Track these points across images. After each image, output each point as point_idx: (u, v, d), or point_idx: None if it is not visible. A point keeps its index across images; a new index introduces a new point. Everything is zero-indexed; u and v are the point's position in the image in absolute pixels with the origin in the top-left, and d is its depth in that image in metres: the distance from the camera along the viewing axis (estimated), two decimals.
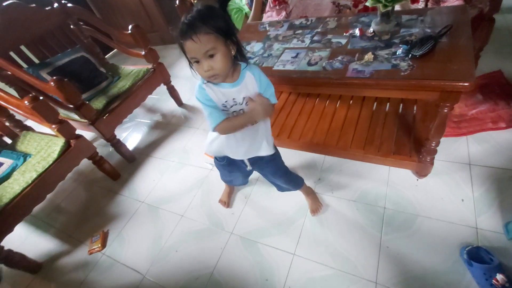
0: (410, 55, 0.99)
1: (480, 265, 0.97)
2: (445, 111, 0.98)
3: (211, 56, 0.72)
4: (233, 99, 0.84)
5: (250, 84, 0.84)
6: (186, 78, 2.61)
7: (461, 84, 0.85)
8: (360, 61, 1.06)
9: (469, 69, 0.89)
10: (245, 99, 0.85)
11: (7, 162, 1.50)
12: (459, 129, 1.43)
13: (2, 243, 1.33)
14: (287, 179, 1.17)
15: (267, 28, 1.54)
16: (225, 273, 1.23)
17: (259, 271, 1.19)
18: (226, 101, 0.84)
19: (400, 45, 1.05)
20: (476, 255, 1.01)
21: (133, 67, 2.05)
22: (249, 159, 1.05)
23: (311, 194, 1.30)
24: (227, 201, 1.45)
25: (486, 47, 1.51)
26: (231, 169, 1.15)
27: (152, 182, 1.74)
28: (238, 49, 0.78)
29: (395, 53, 1.04)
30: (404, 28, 1.14)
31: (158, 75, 2.01)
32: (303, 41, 1.31)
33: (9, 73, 1.68)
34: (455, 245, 1.07)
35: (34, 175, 1.40)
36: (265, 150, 0.99)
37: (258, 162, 1.06)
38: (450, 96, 0.92)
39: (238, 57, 0.81)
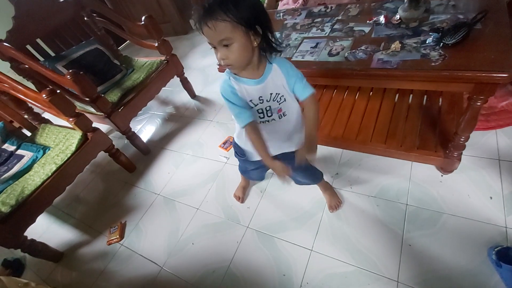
0: (441, 43, 0.93)
1: (510, 266, 0.92)
2: (478, 104, 0.92)
3: (226, 45, 0.68)
4: (260, 97, 0.80)
5: (277, 78, 0.80)
6: (199, 70, 2.59)
7: (500, 75, 0.79)
8: (386, 50, 1.00)
9: (508, 58, 0.82)
10: (273, 96, 0.81)
11: (28, 155, 1.53)
12: (488, 122, 1.35)
13: (25, 233, 1.37)
14: (308, 173, 1.14)
15: (284, 17, 1.48)
16: (242, 267, 1.23)
17: (276, 266, 1.18)
18: (251, 100, 0.81)
19: (430, 33, 0.98)
20: (506, 256, 0.96)
21: (146, 59, 2.03)
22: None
23: (329, 189, 1.27)
24: (242, 196, 1.44)
25: None
26: (251, 163, 1.13)
27: (167, 174, 1.75)
28: (266, 40, 0.73)
29: (424, 41, 0.97)
30: (434, 15, 1.07)
31: (172, 67, 1.99)
32: (322, 30, 1.25)
33: (27, 66, 1.69)
34: (482, 245, 1.02)
35: (54, 167, 1.42)
36: (293, 146, 0.97)
37: (281, 157, 1.02)
38: (485, 88, 0.85)
39: (267, 49, 0.75)
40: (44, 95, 1.34)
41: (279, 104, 0.84)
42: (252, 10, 0.67)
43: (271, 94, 0.81)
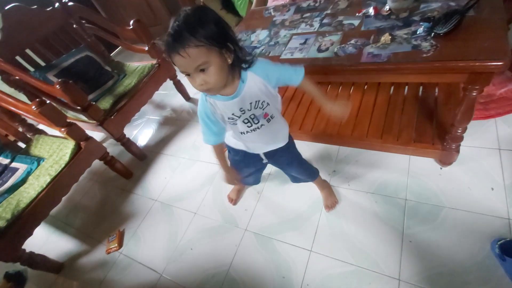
0: (432, 33, 0.89)
1: None
2: (474, 94, 0.88)
3: (203, 70, 0.64)
4: (240, 108, 0.78)
5: (255, 86, 0.76)
6: None
7: (494, 63, 0.76)
8: (376, 43, 0.97)
9: (502, 46, 0.79)
10: (253, 104, 0.78)
11: (22, 167, 1.52)
12: (486, 110, 1.32)
13: (25, 246, 1.37)
14: (302, 168, 1.13)
15: (273, 13, 1.45)
16: (241, 270, 1.21)
17: (276, 269, 1.17)
18: (232, 114, 0.79)
19: (421, 23, 0.95)
20: (509, 249, 0.93)
21: (138, 64, 2.01)
22: (265, 153, 1.00)
23: (326, 188, 1.24)
24: (235, 198, 1.42)
25: None
26: (246, 164, 1.10)
27: (164, 179, 1.74)
28: (235, 54, 0.69)
29: (415, 32, 0.94)
30: (425, 3, 1.03)
31: (164, 70, 1.97)
32: (311, 25, 1.22)
33: (17, 78, 1.68)
34: (485, 238, 1.00)
35: (48, 179, 1.41)
36: (282, 141, 0.97)
37: (273, 154, 1.01)
38: (480, 77, 0.82)
39: (236, 62, 0.71)
40: (33, 107, 1.32)
41: (263, 109, 0.81)
42: (219, 28, 0.63)
43: (250, 103, 0.78)
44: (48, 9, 1.84)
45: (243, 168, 1.14)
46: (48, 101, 1.37)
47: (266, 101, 0.80)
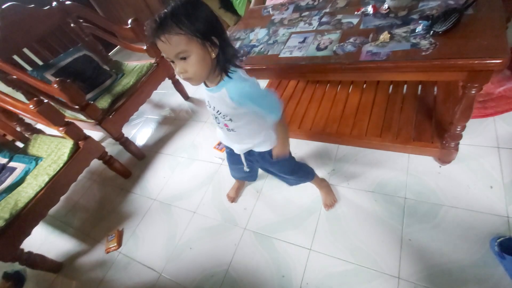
0: (431, 31, 0.89)
1: None
2: (473, 92, 0.88)
3: (184, 58, 0.65)
4: (208, 101, 0.82)
5: (224, 101, 0.76)
6: None
7: (493, 61, 0.75)
8: (375, 42, 0.97)
9: (502, 43, 0.78)
10: (216, 109, 0.81)
11: (20, 167, 1.51)
12: (485, 109, 1.32)
13: (23, 246, 1.36)
14: (296, 175, 1.12)
15: (271, 12, 1.44)
16: (240, 270, 1.21)
17: (275, 268, 1.17)
18: (207, 101, 0.83)
19: (420, 21, 0.95)
20: (509, 247, 0.94)
21: (136, 63, 2.00)
22: (246, 158, 1.02)
23: (325, 187, 1.24)
24: (234, 197, 1.42)
25: None
26: (233, 160, 1.11)
27: (163, 179, 1.73)
28: (222, 51, 0.69)
29: (414, 30, 0.94)
30: (423, 2, 1.03)
31: (162, 70, 1.96)
32: (310, 24, 1.22)
33: (15, 77, 1.67)
34: (484, 236, 1.00)
35: (46, 178, 1.40)
36: (241, 151, 0.97)
37: (259, 161, 1.02)
38: (479, 76, 0.82)
39: (222, 61, 0.71)
40: (31, 106, 1.32)
41: (225, 120, 0.82)
42: (205, 21, 0.64)
43: (214, 107, 0.80)
44: (45, 8, 1.83)
45: (232, 163, 1.16)
46: (46, 100, 1.36)
47: (229, 117, 0.81)
